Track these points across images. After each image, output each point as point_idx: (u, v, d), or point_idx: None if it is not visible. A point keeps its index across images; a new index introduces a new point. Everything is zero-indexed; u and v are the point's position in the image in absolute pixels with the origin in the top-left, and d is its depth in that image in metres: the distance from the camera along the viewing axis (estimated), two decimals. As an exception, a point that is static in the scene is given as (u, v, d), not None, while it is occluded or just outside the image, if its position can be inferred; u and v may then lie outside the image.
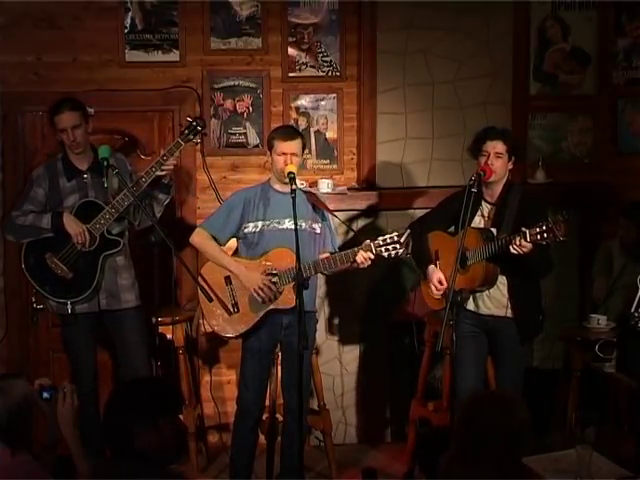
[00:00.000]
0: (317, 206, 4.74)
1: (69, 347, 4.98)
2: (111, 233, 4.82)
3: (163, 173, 4.81)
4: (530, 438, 2.98)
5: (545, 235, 4.27)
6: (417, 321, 5.55)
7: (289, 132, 4.76)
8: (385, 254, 4.48)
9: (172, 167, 4.84)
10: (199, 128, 4.84)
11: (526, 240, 4.32)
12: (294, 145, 4.63)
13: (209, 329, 4.86)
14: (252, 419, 4.76)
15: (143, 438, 2.93)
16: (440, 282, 4.69)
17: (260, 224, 4.67)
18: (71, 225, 4.75)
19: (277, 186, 4.70)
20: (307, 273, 4.49)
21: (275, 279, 4.59)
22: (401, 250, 4.47)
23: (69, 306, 4.81)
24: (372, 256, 4.49)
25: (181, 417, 4.43)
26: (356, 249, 4.51)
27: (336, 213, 5.01)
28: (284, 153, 4.60)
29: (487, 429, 2.88)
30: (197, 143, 5.10)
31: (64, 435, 3.26)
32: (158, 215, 4.96)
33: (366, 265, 4.52)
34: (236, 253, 4.82)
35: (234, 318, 4.68)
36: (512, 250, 4.37)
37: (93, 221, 4.76)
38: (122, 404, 3.01)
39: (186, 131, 4.84)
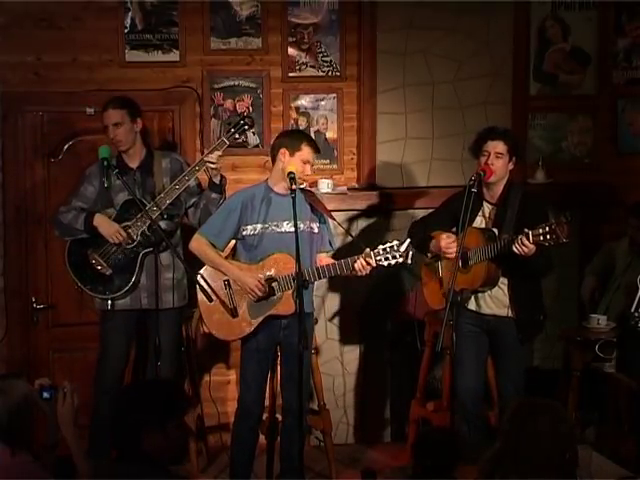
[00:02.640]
0: (315, 207, 4.73)
1: (102, 343, 4.94)
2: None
3: (214, 168, 4.73)
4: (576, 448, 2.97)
5: (548, 236, 4.27)
6: (417, 321, 5.55)
7: (317, 146, 4.76)
8: (385, 263, 4.48)
9: (214, 166, 4.74)
10: (246, 127, 4.80)
11: (529, 241, 4.31)
12: (315, 158, 4.69)
13: (207, 332, 4.84)
14: (253, 419, 4.75)
15: (151, 440, 2.93)
16: (448, 237, 4.63)
17: (259, 227, 4.65)
18: (103, 226, 4.76)
19: (277, 188, 4.69)
20: (308, 278, 4.49)
21: (274, 284, 4.59)
22: (401, 259, 4.46)
23: (109, 302, 4.80)
24: (373, 264, 4.47)
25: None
26: (356, 257, 4.50)
27: (336, 213, 5.01)
28: (309, 162, 4.61)
29: (538, 436, 2.85)
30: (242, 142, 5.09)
31: (64, 435, 3.26)
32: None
33: (364, 274, 4.52)
34: (234, 254, 4.80)
35: (233, 323, 4.66)
36: (515, 249, 4.37)
37: (133, 220, 4.75)
38: (131, 406, 3.00)
39: (232, 129, 4.79)
